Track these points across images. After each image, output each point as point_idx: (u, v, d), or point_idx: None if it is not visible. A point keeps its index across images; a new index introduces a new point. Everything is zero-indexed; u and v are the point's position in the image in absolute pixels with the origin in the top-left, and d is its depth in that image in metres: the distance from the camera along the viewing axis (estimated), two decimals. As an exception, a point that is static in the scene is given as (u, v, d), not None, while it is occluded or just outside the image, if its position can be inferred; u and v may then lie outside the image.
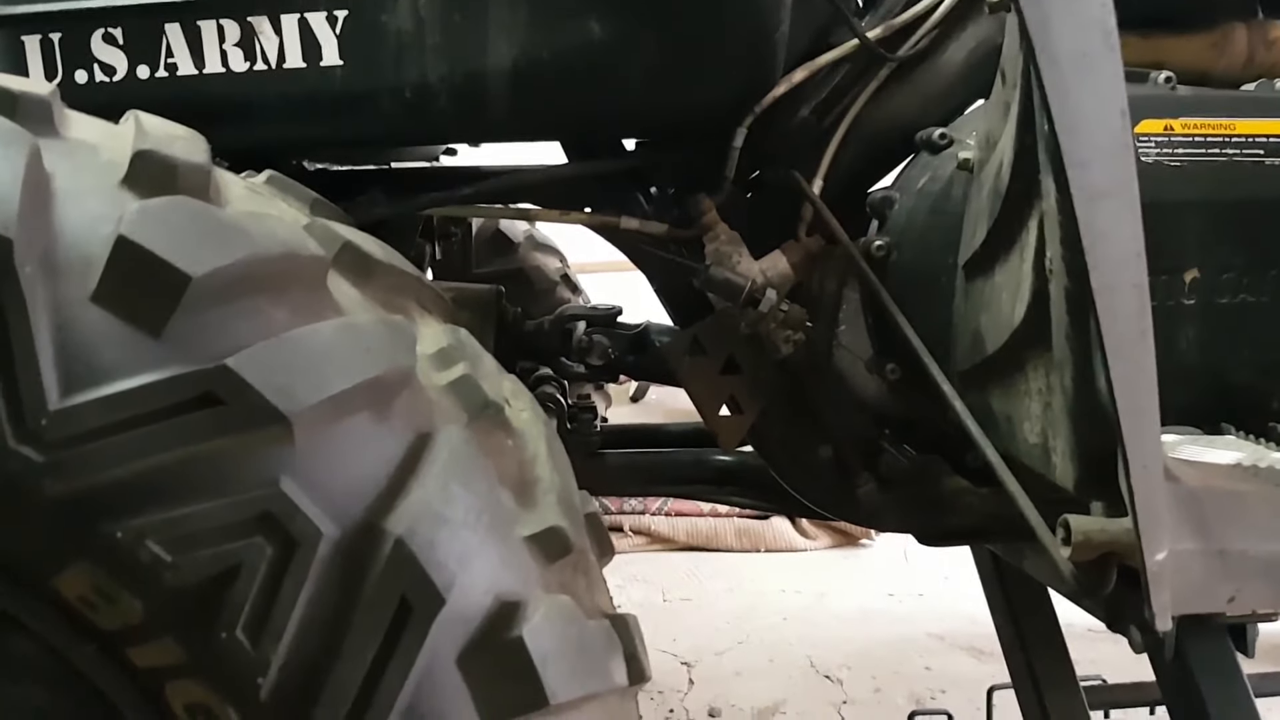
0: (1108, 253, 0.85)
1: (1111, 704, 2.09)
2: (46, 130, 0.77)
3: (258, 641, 0.68)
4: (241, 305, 0.71)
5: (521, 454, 0.84)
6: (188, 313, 0.69)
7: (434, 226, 2.26)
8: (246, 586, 0.68)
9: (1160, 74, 1.17)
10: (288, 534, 0.68)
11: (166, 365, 0.68)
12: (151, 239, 0.69)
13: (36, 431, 0.66)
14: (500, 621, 0.72)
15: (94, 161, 0.76)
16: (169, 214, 0.72)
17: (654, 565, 3.64)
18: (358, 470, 0.71)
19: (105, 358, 0.68)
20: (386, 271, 0.85)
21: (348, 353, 0.73)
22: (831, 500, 1.61)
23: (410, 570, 0.69)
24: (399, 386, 0.75)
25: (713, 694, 2.72)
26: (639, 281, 1.62)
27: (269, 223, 0.79)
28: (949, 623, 3.13)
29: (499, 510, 0.77)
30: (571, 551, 0.81)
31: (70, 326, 0.68)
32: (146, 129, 0.82)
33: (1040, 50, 0.86)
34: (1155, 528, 0.87)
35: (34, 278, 0.67)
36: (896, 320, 1.33)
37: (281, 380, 0.69)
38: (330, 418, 0.70)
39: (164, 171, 0.76)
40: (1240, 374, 1.19)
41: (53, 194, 0.71)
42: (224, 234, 0.73)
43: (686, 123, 1.41)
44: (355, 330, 0.76)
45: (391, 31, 1.24)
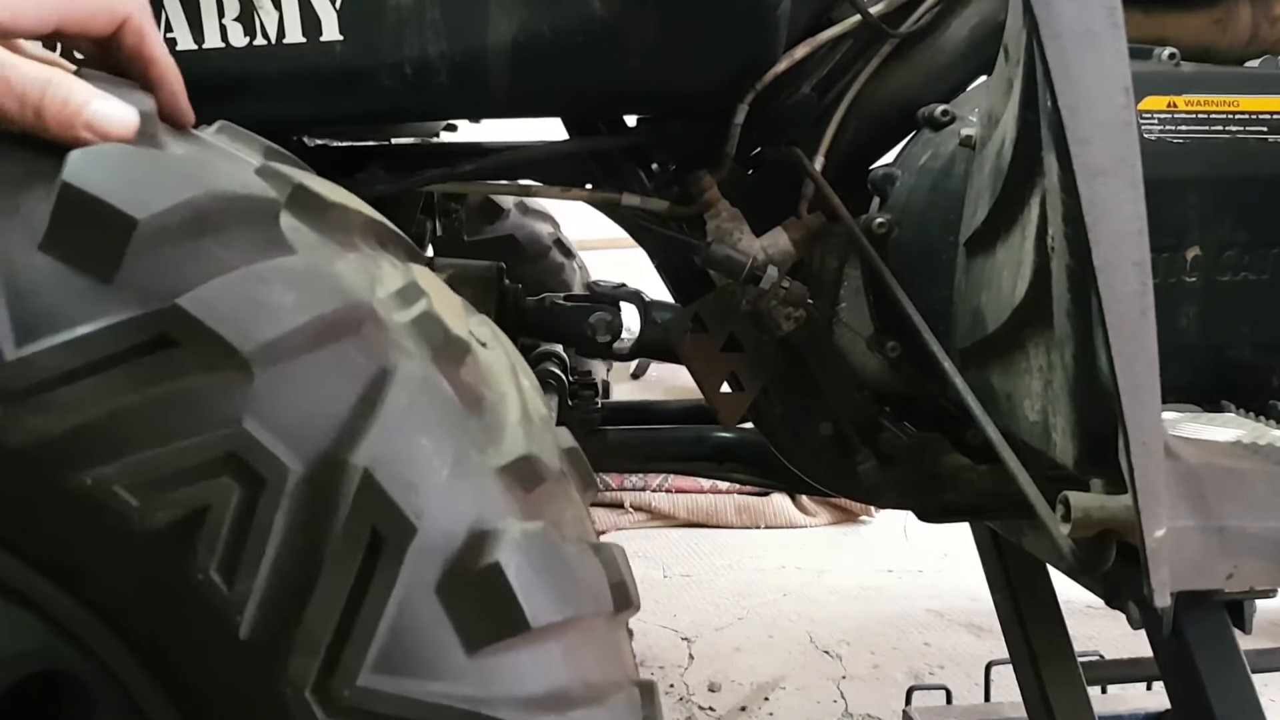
0: (1109, 230, 0.85)
1: (1109, 680, 2.10)
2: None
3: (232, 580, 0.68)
4: (192, 246, 0.70)
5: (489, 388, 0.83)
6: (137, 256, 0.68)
7: (435, 203, 2.25)
8: (217, 526, 0.67)
9: (1163, 50, 1.17)
10: (254, 472, 0.68)
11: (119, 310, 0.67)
12: (95, 184, 0.69)
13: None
14: (476, 549, 0.72)
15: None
16: (112, 159, 0.72)
17: (654, 541, 3.65)
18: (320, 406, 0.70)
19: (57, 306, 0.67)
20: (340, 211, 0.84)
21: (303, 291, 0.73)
22: (831, 477, 1.62)
23: (379, 501, 0.69)
24: (357, 322, 0.74)
25: (713, 669, 2.73)
26: (640, 258, 1.62)
27: (216, 165, 0.78)
28: (948, 599, 3.14)
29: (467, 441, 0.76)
30: (546, 480, 0.81)
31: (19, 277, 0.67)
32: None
33: (1043, 26, 0.86)
34: (1154, 505, 0.87)
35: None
36: (897, 297, 1.33)
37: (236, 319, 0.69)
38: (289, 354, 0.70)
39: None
40: (1241, 351, 1.19)
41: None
42: (171, 178, 0.73)
43: (688, 99, 1.40)
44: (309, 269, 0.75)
45: (391, 6, 1.23)
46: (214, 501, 0.67)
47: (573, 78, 1.29)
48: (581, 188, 1.56)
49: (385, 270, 0.84)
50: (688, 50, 1.29)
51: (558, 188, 1.56)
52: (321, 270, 0.76)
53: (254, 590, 0.68)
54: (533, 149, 1.55)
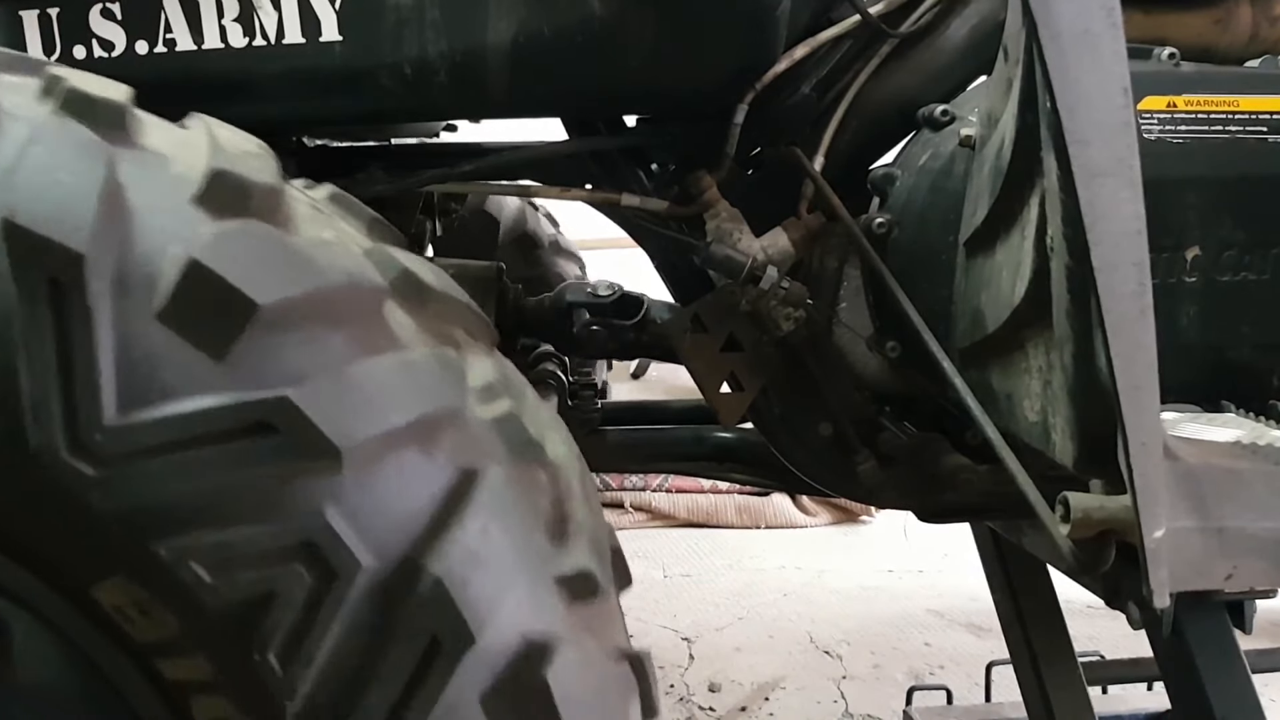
0: (1108, 230, 0.85)
1: (1109, 680, 2.10)
2: (121, 138, 0.76)
3: (288, 666, 0.68)
4: (302, 334, 0.71)
5: (557, 491, 0.83)
6: (251, 339, 0.69)
7: (434, 203, 2.25)
8: (283, 612, 0.68)
9: (1163, 50, 1.17)
10: (327, 564, 0.68)
11: (226, 390, 0.68)
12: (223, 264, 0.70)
13: (90, 446, 0.67)
14: (526, 663, 0.73)
15: (167, 175, 0.76)
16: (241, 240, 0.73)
17: (654, 541, 3.65)
18: (401, 505, 0.71)
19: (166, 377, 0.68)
20: (439, 299, 0.85)
21: (402, 388, 0.74)
22: (831, 477, 1.61)
23: (444, 609, 0.70)
24: (447, 423, 0.75)
25: (713, 669, 2.73)
26: (640, 258, 1.62)
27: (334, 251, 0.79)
28: (948, 599, 3.14)
29: (533, 550, 0.77)
30: (598, 594, 0.81)
31: (134, 343, 0.68)
32: (220, 143, 0.81)
33: (1042, 26, 0.86)
34: (1154, 505, 0.87)
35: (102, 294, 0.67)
36: (897, 298, 1.33)
37: (338, 414, 0.70)
38: (379, 452, 0.71)
39: (238, 194, 0.76)
40: (1241, 352, 1.19)
41: (126, 209, 0.71)
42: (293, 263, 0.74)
43: (687, 99, 1.40)
44: (409, 365, 0.76)
45: (391, 7, 1.23)
46: (284, 587, 0.68)
47: (572, 78, 1.29)
48: (581, 188, 1.56)
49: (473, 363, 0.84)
50: (687, 50, 1.29)
51: (557, 188, 1.56)
52: (420, 367, 0.77)
53: (307, 680, 0.69)
54: (532, 149, 1.55)
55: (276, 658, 0.68)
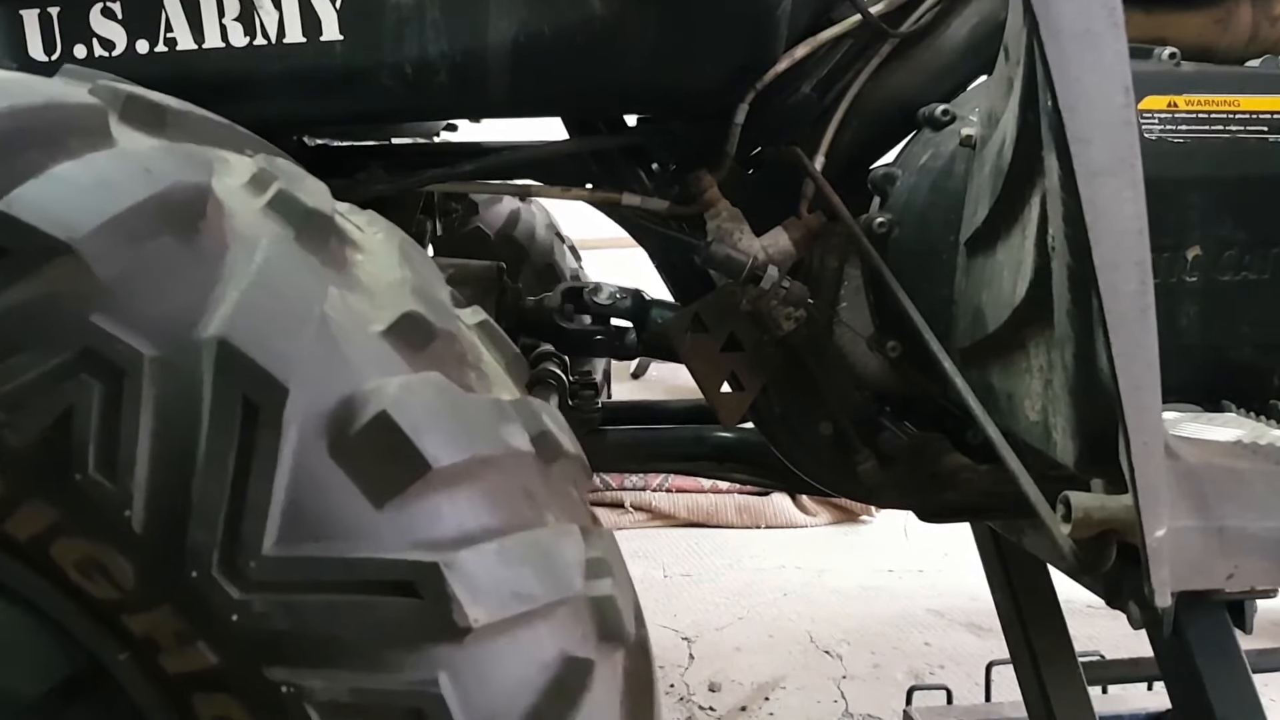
0: (1110, 230, 0.85)
1: (1109, 679, 2.10)
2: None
3: (113, 476, 0.67)
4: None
5: (367, 260, 0.83)
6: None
7: (434, 203, 2.25)
8: (85, 425, 0.67)
9: (1164, 50, 1.17)
10: (111, 364, 0.67)
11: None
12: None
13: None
14: (361, 405, 0.71)
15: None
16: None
17: (654, 541, 3.65)
18: (169, 289, 0.70)
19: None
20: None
21: (125, 176, 0.72)
22: (832, 477, 1.61)
23: (243, 367, 0.68)
24: (197, 206, 0.73)
25: (713, 669, 2.73)
26: (640, 258, 1.62)
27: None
28: (948, 599, 3.14)
29: (338, 306, 0.75)
30: (437, 337, 0.80)
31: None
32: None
33: (1043, 26, 0.85)
34: (1155, 504, 0.87)
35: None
36: (898, 297, 1.33)
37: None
38: (124, 242, 0.69)
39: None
40: (1241, 351, 1.19)
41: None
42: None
43: (688, 99, 1.40)
44: (131, 156, 0.75)
45: (392, 6, 1.23)
46: (78, 400, 0.67)
47: (573, 77, 1.29)
48: (581, 187, 1.56)
49: (235, 163, 0.83)
50: (688, 50, 1.29)
51: (558, 187, 1.56)
52: (145, 156, 0.75)
53: (137, 481, 0.67)
54: (533, 149, 1.55)
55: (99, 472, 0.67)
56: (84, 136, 0.74)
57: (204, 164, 0.78)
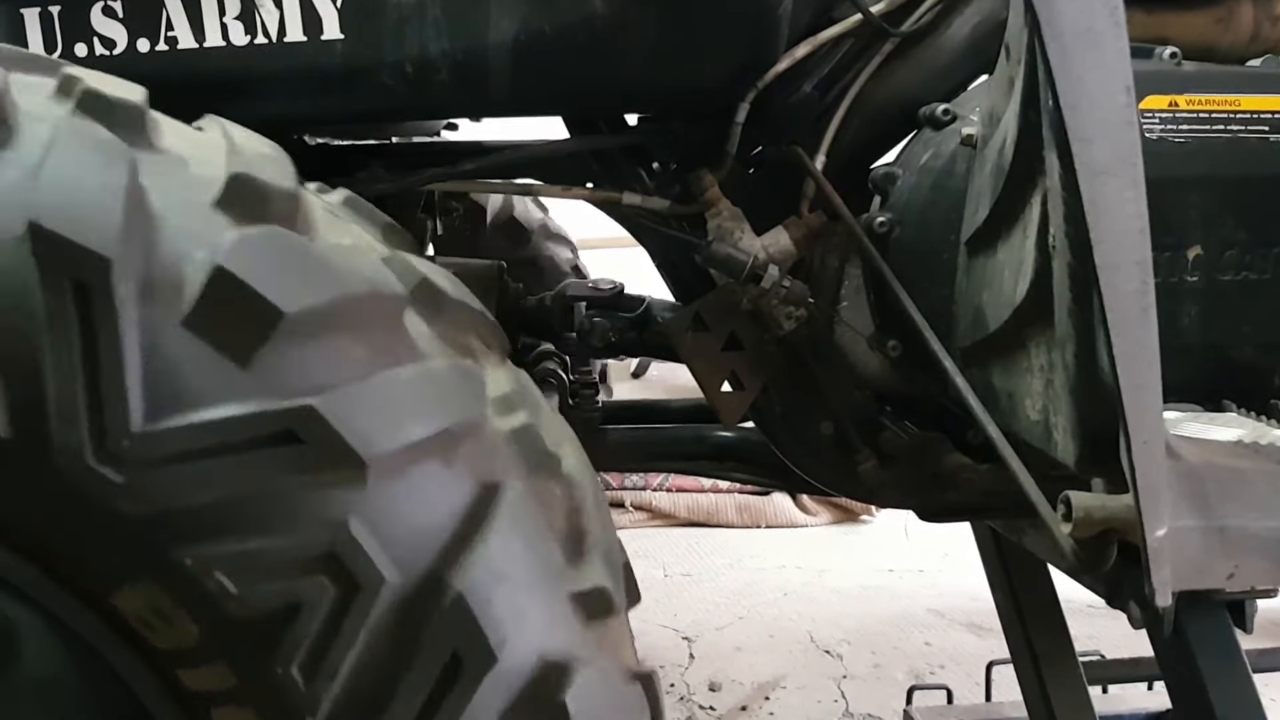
0: (1111, 229, 0.85)
1: (1110, 679, 2.10)
2: (141, 141, 0.76)
3: (311, 679, 0.68)
4: (326, 343, 0.71)
5: (572, 505, 0.83)
6: (276, 347, 0.69)
7: (435, 202, 2.25)
8: (306, 624, 0.68)
9: (1165, 50, 1.17)
10: (351, 576, 0.68)
11: (251, 398, 0.68)
12: (249, 271, 0.69)
13: (118, 453, 0.67)
14: (545, 683, 0.73)
15: (187, 178, 0.75)
16: (266, 246, 0.72)
17: (655, 541, 3.65)
18: (424, 518, 0.71)
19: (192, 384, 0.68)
20: (456, 307, 0.85)
21: (424, 399, 0.73)
22: (832, 476, 1.61)
23: (466, 625, 0.70)
24: (468, 435, 0.75)
25: (713, 669, 2.73)
26: (641, 257, 1.62)
27: (355, 257, 0.78)
28: (949, 599, 3.14)
29: (552, 567, 0.76)
30: (613, 612, 0.81)
31: (160, 350, 0.68)
32: (237, 145, 0.80)
33: (1045, 25, 0.85)
34: (1156, 504, 0.87)
35: (129, 298, 0.67)
36: (898, 297, 1.33)
37: (362, 424, 0.69)
38: (403, 464, 0.70)
39: (258, 198, 0.75)
40: (1242, 351, 1.19)
41: (149, 212, 0.70)
42: (317, 270, 0.73)
43: (689, 98, 1.40)
44: (430, 375, 0.76)
45: (393, 5, 1.23)
46: (308, 599, 0.68)
47: (574, 76, 1.29)
48: (582, 186, 1.56)
49: (491, 374, 0.84)
50: (689, 49, 1.29)
51: (558, 186, 1.56)
52: (442, 378, 0.76)
53: (329, 693, 0.68)
54: (533, 148, 1.54)
55: (300, 670, 0.68)
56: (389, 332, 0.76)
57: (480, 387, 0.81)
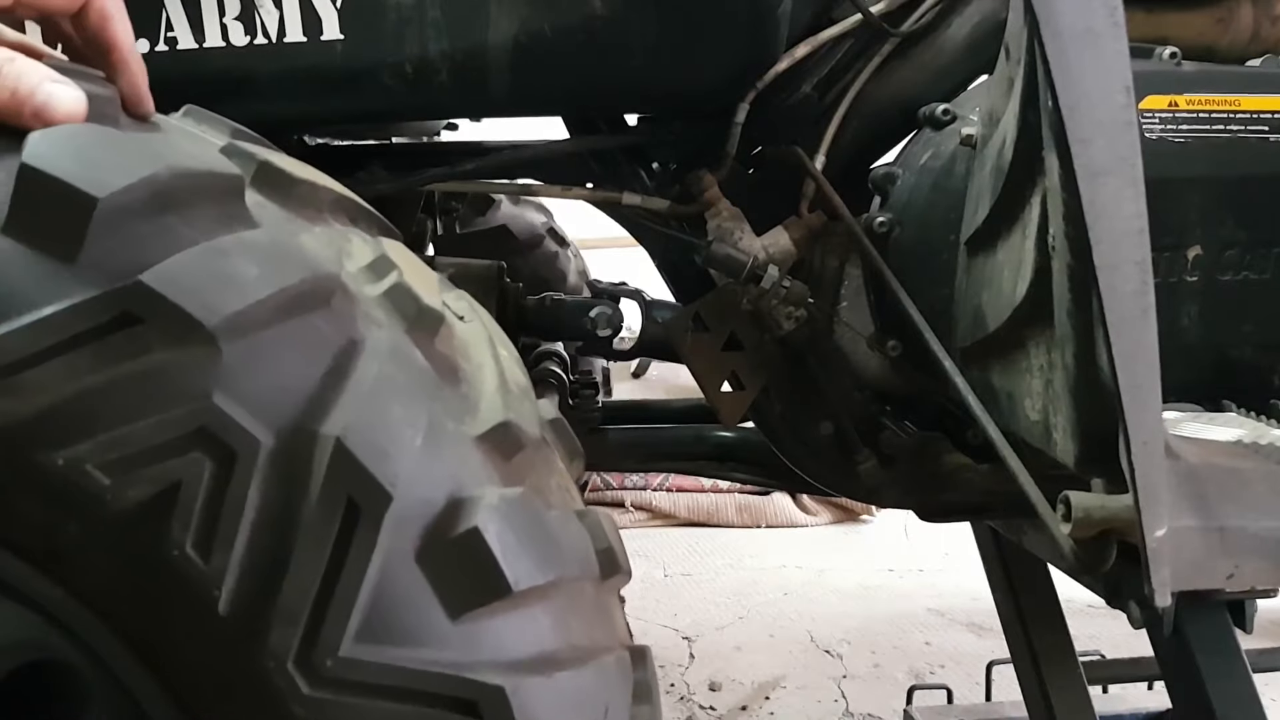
0: (1110, 229, 0.85)
1: (1110, 679, 2.10)
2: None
3: (209, 556, 0.67)
4: (154, 224, 0.69)
5: (465, 358, 0.83)
6: (99, 236, 0.67)
7: (435, 202, 2.25)
8: (190, 502, 0.67)
9: (1165, 49, 1.16)
10: (225, 446, 0.67)
11: (83, 290, 0.66)
12: (55, 164, 0.68)
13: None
14: (455, 515, 0.72)
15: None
16: (72, 139, 0.71)
17: (655, 540, 3.65)
18: (290, 378, 0.70)
19: (20, 289, 0.66)
20: (307, 187, 0.84)
21: (268, 263, 0.72)
22: (832, 476, 1.61)
23: (353, 470, 0.68)
24: (325, 294, 0.74)
25: (713, 669, 2.73)
26: (641, 257, 1.62)
27: (178, 144, 0.78)
28: (949, 598, 3.14)
29: (442, 409, 0.76)
30: (526, 447, 0.81)
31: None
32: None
33: (1044, 25, 0.85)
34: (1155, 504, 0.87)
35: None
36: (898, 297, 1.33)
37: (199, 292, 0.68)
38: (255, 327, 0.69)
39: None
40: (1242, 351, 1.19)
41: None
42: (130, 155, 0.72)
43: (688, 98, 1.40)
44: (275, 243, 0.75)
45: (392, 5, 1.23)
46: (186, 477, 0.67)
47: (573, 77, 1.29)
48: (582, 187, 1.56)
49: (355, 244, 0.83)
50: (688, 49, 1.29)
51: (558, 187, 1.56)
52: (287, 244, 0.75)
53: (231, 565, 0.67)
54: (533, 148, 1.55)
55: (195, 550, 0.67)
56: (223, 207, 0.75)
57: (335, 250, 0.79)
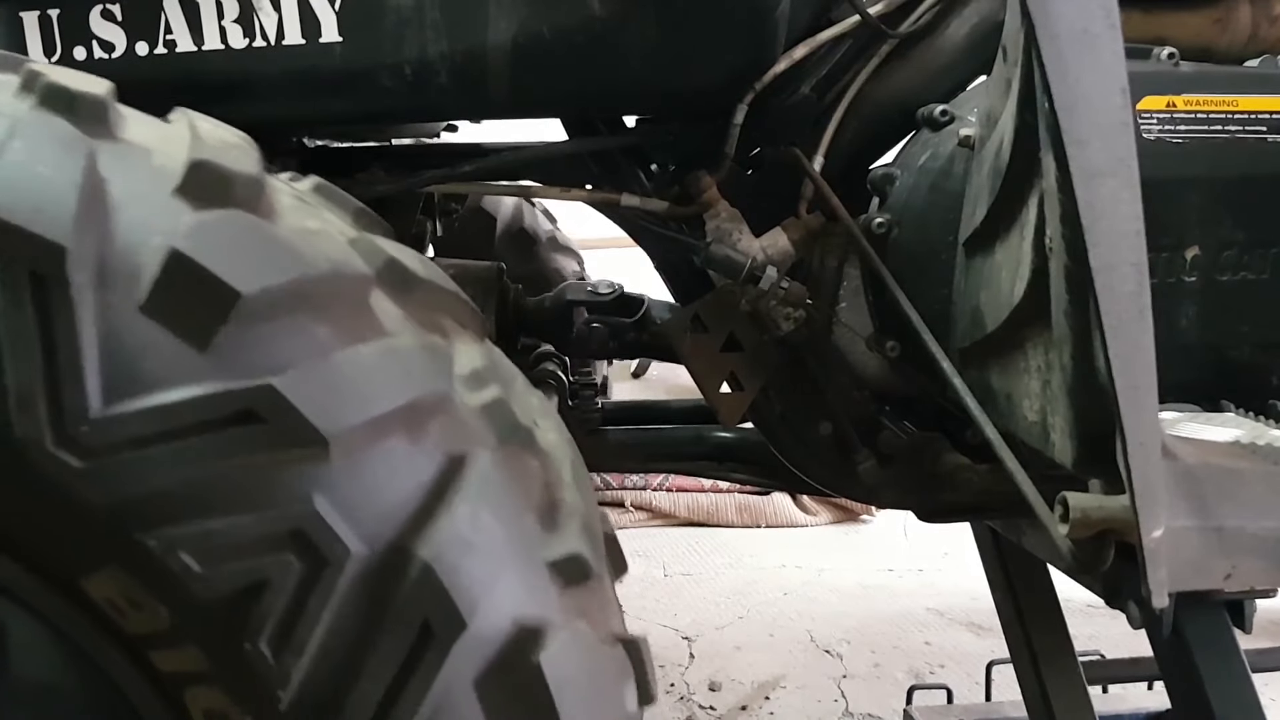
0: (1107, 231, 0.85)
1: (1109, 679, 2.10)
2: (102, 132, 0.76)
3: (280, 655, 0.68)
4: (287, 323, 0.71)
5: (547, 477, 0.83)
6: (235, 329, 0.69)
7: (435, 203, 2.25)
8: (273, 601, 0.68)
9: (1162, 50, 1.17)
10: (317, 552, 0.68)
11: (210, 380, 0.68)
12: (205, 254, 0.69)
13: (76, 438, 0.67)
14: (519, 647, 0.73)
15: (148, 167, 0.75)
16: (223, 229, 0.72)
17: (655, 540, 3.65)
18: (389, 492, 0.71)
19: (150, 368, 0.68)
20: (427, 288, 0.85)
21: (387, 375, 0.73)
22: (832, 476, 1.62)
23: (435, 595, 0.70)
24: (434, 410, 0.75)
25: (713, 668, 2.73)
26: (640, 257, 1.62)
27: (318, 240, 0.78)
28: (948, 598, 3.14)
29: (524, 535, 0.77)
30: (591, 578, 0.81)
31: (117, 335, 0.68)
32: (201, 135, 0.81)
33: (1040, 27, 0.86)
34: (1153, 505, 0.87)
35: (85, 286, 0.67)
36: (897, 297, 1.33)
37: (323, 401, 0.69)
38: (367, 439, 0.71)
39: (218, 183, 0.75)
40: (1240, 351, 1.19)
41: (108, 201, 0.71)
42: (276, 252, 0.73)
43: (687, 100, 1.40)
44: (395, 352, 0.76)
45: (391, 7, 1.23)
46: (274, 576, 0.68)
47: (572, 78, 1.30)
48: (581, 188, 1.56)
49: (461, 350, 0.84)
50: (687, 51, 1.29)
51: (557, 188, 1.56)
52: (406, 354, 0.76)
53: (300, 668, 0.68)
54: (533, 149, 1.55)
55: (269, 646, 0.68)
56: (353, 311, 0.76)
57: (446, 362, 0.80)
